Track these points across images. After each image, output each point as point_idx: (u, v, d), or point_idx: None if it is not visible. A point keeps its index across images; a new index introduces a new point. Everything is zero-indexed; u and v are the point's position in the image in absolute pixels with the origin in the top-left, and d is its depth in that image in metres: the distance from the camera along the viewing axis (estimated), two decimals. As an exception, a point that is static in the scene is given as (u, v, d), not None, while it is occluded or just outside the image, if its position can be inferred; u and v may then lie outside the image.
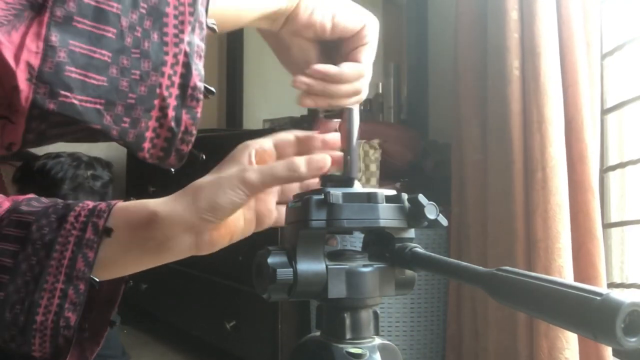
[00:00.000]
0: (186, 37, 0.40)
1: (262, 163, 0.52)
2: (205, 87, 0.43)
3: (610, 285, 1.50)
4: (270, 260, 0.45)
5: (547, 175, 1.35)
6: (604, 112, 1.53)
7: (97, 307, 0.52)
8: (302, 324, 1.93)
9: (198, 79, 0.41)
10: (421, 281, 1.71)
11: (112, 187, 1.90)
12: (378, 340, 0.48)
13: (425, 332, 1.73)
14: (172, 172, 0.45)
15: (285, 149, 0.55)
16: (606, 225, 1.52)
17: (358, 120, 0.51)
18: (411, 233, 0.49)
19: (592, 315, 0.29)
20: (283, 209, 0.54)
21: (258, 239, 0.55)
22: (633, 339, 0.29)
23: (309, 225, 0.45)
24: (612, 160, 1.58)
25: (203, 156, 0.47)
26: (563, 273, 1.32)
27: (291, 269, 0.45)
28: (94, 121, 0.38)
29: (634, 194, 1.56)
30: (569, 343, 1.31)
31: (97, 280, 0.46)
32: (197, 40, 0.41)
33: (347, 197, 0.46)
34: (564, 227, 1.34)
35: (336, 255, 0.48)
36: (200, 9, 0.41)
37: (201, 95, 0.42)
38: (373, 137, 1.89)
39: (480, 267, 0.39)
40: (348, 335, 0.46)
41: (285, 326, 1.93)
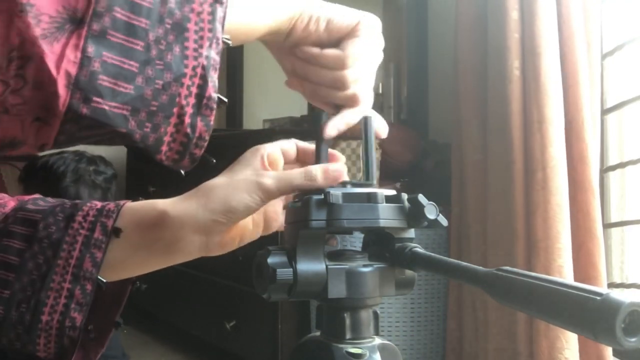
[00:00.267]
0: (204, 52, 0.43)
1: (272, 168, 0.52)
2: (218, 97, 0.45)
3: (610, 285, 1.50)
4: (270, 260, 0.45)
5: (548, 175, 1.35)
6: (604, 112, 1.53)
7: (103, 308, 0.52)
8: (302, 324, 1.93)
9: (213, 90, 0.44)
10: (421, 281, 1.71)
11: (116, 185, 1.90)
12: (378, 340, 0.47)
13: (425, 332, 1.73)
14: (183, 174, 0.47)
15: (289, 157, 0.56)
16: (606, 225, 1.52)
17: (373, 128, 0.52)
18: (411, 233, 0.49)
19: (592, 315, 0.29)
20: None
21: (258, 239, 0.55)
22: (633, 339, 0.29)
23: (309, 225, 0.45)
24: (612, 160, 1.58)
25: (213, 160, 0.49)
26: (563, 273, 1.32)
27: (291, 269, 0.45)
28: (120, 125, 0.41)
29: (634, 194, 1.56)
30: (568, 343, 1.31)
31: (104, 281, 0.46)
32: (214, 54, 0.44)
33: (347, 197, 0.46)
34: (564, 227, 1.34)
35: (336, 255, 0.48)
36: (218, 25, 0.44)
37: (215, 105, 0.45)
38: (373, 137, 1.89)
39: (480, 267, 0.39)
40: (348, 335, 0.46)
41: (285, 326, 1.93)
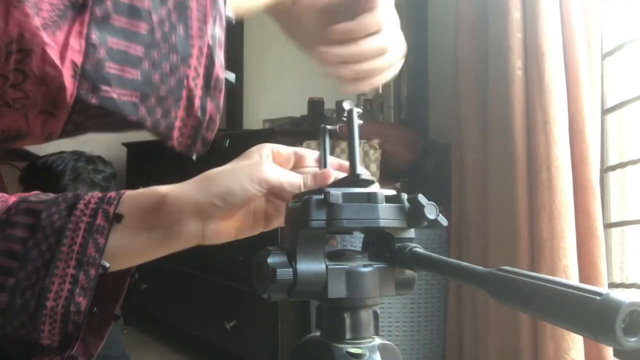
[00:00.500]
0: (209, 29, 0.42)
1: (279, 164, 0.53)
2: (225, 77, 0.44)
3: (611, 285, 1.50)
4: (270, 260, 0.45)
5: (552, 175, 1.35)
6: (604, 112, 1.53)
7: (102, 300, 0.52)
8: (302, 324, 1.93)
9: (220, 69, 0.42)
10: (421, 281, 1.71)
11: (115, 185, 1.91)
12: (378, 340, 0.47)
13: (425, 332, 1.73)
14: (194, 159, 0.46)
15: (303, 161, 0.56)
16: (606, 225, 1.52)
17: (357, 121, 0.52)
18: (411, 233, 0.49)
19: (592, 315, 0.29)
20: None
21: (258, 239, 0.55)
22: (633, 339, 0.29)
23: (309, 225, 0.45)
24: (612, 160, 1.58)
25: (227, 141, 0.48)
26: (568, 273, 1.32)
27: (291, 269, 0.45)
28: (131, 113, 0.39)
29: (634, 194, 1.56)
30: (574, 343, 1.31)
31: (107, 265, 0.47)
32: (218, 32, 0.42)
33: (347, 197, 0.46)
34: (569, 226, 1.34)
35: (336, 255, 0.48)
36: (220, 0, 0.42)
37: (223, 85, 0.43)
38: (373, 137, 1.89)
39: (480, 267, 0.39)
40: (348, 335, 0.46)
41: (285, 326, 1.93)
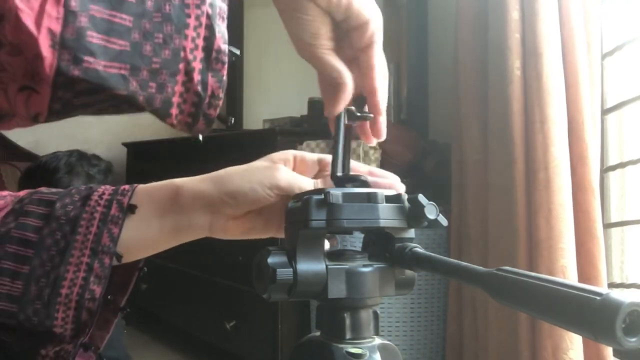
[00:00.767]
0: None
1: (298, 172, 0.53)
2: (229, 50, 0.42)
3: (610, 285, 1.50)
4: (270, 260, 0.45)
5: (550, 175, 1.35)
6: (604, 112, 1.53)
7: (110, 293, 0.52)
8: (302, 324, 1.93)
9: (222, 41, 0.40)
10: (421, 281, 1.71)
11: (112, 179, 1.91)
12: (378, 340, 0.47)
13: (425, 332, 1.73)
14: (201, 140, 0.44)
15: (328, 168, 0.56)
16: (606, 225, 1.52)
17: (343, 124, 0.52)
18: (411, 233, 0.48)
19: (592, 315, 0.29)
20: None
21: (258, 239, 0.55)
22: (633, 339, 0.29)
23: (309, 225, 0.45)
24: (612, 160, 1.58)
25: (232, 119, 0.47)
26: (567, 273, 1.32)
27: (291, 269, 0.45)
28: (119, 87, 0.37)
29: (634, 194, 1.56)
30: (573, 343, 1.31)
31: (121, 255, 0.47)
32: (219, 2, 0.40)
33: (347, 197, 0.46)
34: (567, 227, 1.34)
35: (336, 255, 0.48)
36: None
37: (226, 58, 0.41)
38: (373, 137, 1.89)
39: (480, 267, 0.39)
40: (348, 335, 0.46)
41: (285, 326, 1.93)
